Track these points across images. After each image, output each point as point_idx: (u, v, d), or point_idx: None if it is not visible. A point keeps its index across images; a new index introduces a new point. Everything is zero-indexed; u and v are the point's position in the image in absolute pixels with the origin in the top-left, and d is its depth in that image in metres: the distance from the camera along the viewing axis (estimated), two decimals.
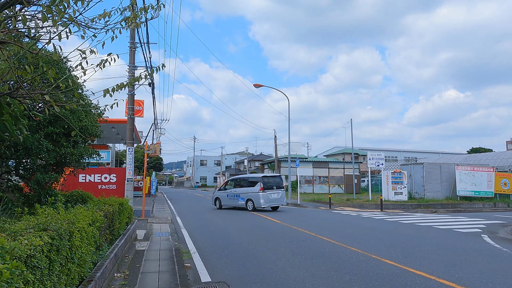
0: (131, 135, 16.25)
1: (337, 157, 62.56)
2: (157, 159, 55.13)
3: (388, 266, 6.66)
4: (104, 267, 4.65)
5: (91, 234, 4.17)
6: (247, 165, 59.37)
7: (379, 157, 24.55)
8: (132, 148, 16.11)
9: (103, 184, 16.10)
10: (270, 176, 19.98)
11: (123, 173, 16.17)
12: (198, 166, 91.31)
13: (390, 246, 8.66)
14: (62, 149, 6.71)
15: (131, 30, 16.15)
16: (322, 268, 6.53)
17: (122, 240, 6.80)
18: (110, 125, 24.14)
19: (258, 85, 25.67)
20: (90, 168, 18.02)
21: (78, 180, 15.89)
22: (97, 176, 16.12)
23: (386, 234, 10.80)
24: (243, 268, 6.62)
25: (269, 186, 18.68)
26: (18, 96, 4.22)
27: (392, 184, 23.33)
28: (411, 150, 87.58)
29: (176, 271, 6.07)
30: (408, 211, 20.16)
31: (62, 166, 7.36)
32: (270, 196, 18.55)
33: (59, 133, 6.75)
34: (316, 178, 40.60)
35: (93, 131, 7.43)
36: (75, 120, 6.94)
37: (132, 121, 16.13)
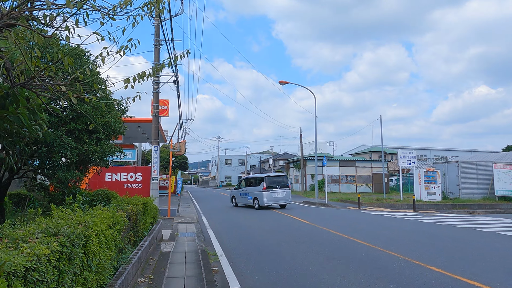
0: (157, 133, 16.09)
1: (363, 155, 61.17)
2: (182, 158, 55.43)
3: (435, 274, 6.03)
4: (126, 273, 4.28)
5: (111, 237, 3.80)
6: (272, 164, 58.88)
7: (411, 156, 23.52)
8: (157, 147, 15.94)
9: (128, 183, 16.00)
10: (274, 175, 20.86)
11: (149, 172, 16.02)
12: (222, 165, 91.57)
13: (432, 251, 7.98)
14: (85, 146, 6.44)
15: (155, 27, 15.98)
16: (360, 276, 5.97)
17: (147, 242, 6.46)
18: (136, 124, 24.22)
19: (283, 82, 25.13)
20: (116, 167, 18.02)
21: (105, 179, 15.88)
22: (123, 175, 16.05)
23: (425, 236, 10.07)
24: (274, 274, 6.16)
25: (273, 185, 19.51)
26: (34, 88, 3.91)
27: (424, 184, 22.29)
28: (440, 149, 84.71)
29: (203, 276, 5.67)
30: (442, 212, 19.14)
31: (86, 164, 7.10)
32: (274, 194, 19.28)
33: (81, 129, 6.48)
34: (342, 177, 39.65)
35: (116, 128, 7.15)
36: (98, 116, 6.66)
37: (157, 119, 15.95)
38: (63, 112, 6.53)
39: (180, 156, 55.23)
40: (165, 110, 31.78)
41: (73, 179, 6.68)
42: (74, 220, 3.21)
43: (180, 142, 15.80)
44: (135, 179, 15.96)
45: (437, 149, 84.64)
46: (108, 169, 16.18)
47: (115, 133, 7.26)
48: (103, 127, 6.73)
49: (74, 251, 2.56)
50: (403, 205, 21.33)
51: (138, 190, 16.10)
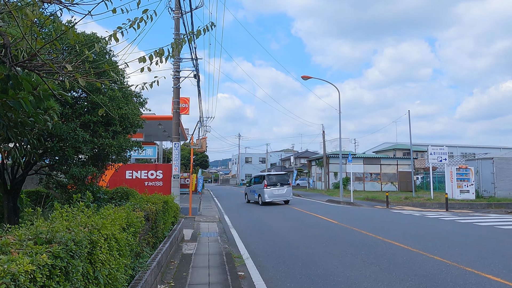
0: (177, 130, 15.65)
1: (387, 153, 59.49)
2: (203, 157, 55.29)
3: (495, 284, 5.25)
4: (143, 281, 3.73)
5: (124, 242, 3.24)
6: (294, 162, 58.10)
7: (442, 152, 22.35)
8: (178, 144, 15.50)
9: (149, 181, 15.64)
10: (275, 174, 22.38)
11: (170, 169, 15.61)
12: (243, 163, 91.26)
13: (482, 255, 7.15)
14: (100, 140, 5.94)
15: (175, 20, 15.52)
16: (407, 285, 5.25)
17: (167, 244, 5.92)
18: (157, 121, 23.95)
19: (306, 77, 24.36)
20: (137, 164, 17.74)
21: (125, 177, 15.57)
22: (144, 172, 15.69)
23: (468, 238, 9.20)
24: (307, 280, 5.51)
25: (274, 183, 20.95)
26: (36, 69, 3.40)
27: (457, 182, 21.11)
28: (468, 146, 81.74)
29: (229, 283, 5.08)
30: (478, 211, 18.00)
31: (103, 160, 6.62)
32: (275, 192, 20.72)
33: (96, 122, 5.99)
34: (367, 175, 38.49)
35: (134, 121, 6.63)
36: (114, 108, 6.15)
37: (177, 115, 15.51)
38: (77, 102, 6.05)
39: (201, 154, 55.14)
40: (186, 108, 31.49)
41: (89, 175, 6.20)
42: (79, 222, 2.65)
43: (201, 139, 15.32)
44: (155, 177, 15.59)
45: (464, 146, 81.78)
46: (128, 166, 15.88)
47: (133, 127, 6.74)
48: (120, 119, 6.22)
49: (73, 263, 1.99)
50: (434, 204, 20.25)
51: (159, 188, 15.71)
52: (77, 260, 2.05)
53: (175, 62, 15.46)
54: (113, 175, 15.61)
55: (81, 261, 2.16)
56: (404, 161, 40.38)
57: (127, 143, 6.45)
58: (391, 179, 38.72)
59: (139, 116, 7.03)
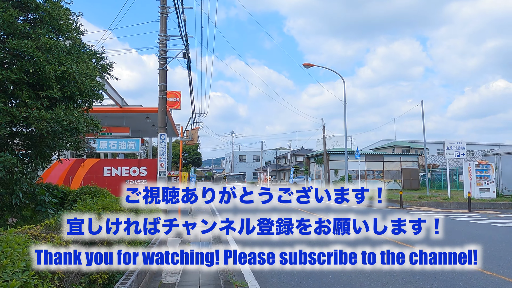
0: (164, 119, 13.38)
1: (385, 150, 57.61)
2: (195, 154, 52.95)
3: None
4: None
5: None
6: (290, 160, 56.07)
7: (459, 146, 20.29)
8: (164, 135, 13.23)
9: (131, 179, 13.36)
10: (233, 174, 32.95)
11: (155, 165, 13.33)
12: (237, 161, 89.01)
13: None
14: (23, 111, 3.67)
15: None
16: None
17: (132, 277, 3.68)
18: (144, 114, 21.59)
19: (308, 65, 22.17)
20: (116, 159, 15.42)
21: (103, 174, 13.27)
22: (125, 169, 13.39)
23: None
24: None
25: (232, 180, 30.33)
26: None
27: (476, 179, 19.06)
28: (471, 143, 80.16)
29: None
30: (505, 212, 15.98)
31: (40, 145, 4.34)
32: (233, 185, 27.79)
33: (19, 81, 3.72)
34: (369, 172, 36.48)
35: (87, 86, 4.35)
36: (51, 62, 3.88)
37: (164, 102, 13.23)
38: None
39: (193, 152, 52.83)
40: (177, 102, 28.98)
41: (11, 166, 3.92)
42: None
43: (192, 130, 13.07)
44: (138, 174, 13.30)
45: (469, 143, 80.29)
46: (106, 162, 13.59)
47: (85, 95, 4.47)
48: (60, 80, 3.95)
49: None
50: (452, 204, 18.20)
51: None
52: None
53: (161, 39, 13.16)
54: (89, 172, 13.32)
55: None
56: (408, 157, 38.46)
57: (73, 119, 4.14)
58: (394, 176, 36.76)
59: (97, 82, 4.74)
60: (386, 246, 3.88)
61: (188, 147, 52.12)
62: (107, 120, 22.74)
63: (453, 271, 5.44)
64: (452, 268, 3.80)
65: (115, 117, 22.44)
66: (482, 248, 7.34)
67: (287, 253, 3.92)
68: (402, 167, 36.86)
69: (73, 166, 13.20)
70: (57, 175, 13.02)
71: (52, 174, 13.14)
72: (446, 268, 3.89)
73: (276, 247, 3.98)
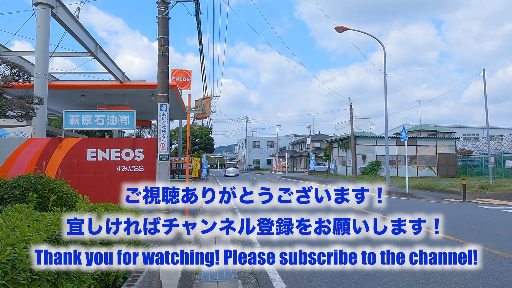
0: (165, 84, 10.04)
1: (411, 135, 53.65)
2: (208, 139, 49.67)
3: None
4: None
5: None
6: (310, 144, 52.59)
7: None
8: (165, 105, 9.92)
9: (123, 165, 10.11)
10: (231, 162, 47.33)
11: (154, 146, 10.04)
12: (250, 147, 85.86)
13: None
14: None
15: None
16: None
17: None
18: (149, 91, 18.29)
19: (342, 28, 18.47)
20: (103, 138, 12.20)
21: (87, 158, 10.04)
22: (115, 151, 10.13)
23: None
24: None
25: (230, 166, 44.37)
26: None
27: None
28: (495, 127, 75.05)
29: None
30: None
31: None
32: (230, 170, 42.97)
33: None
34: (400, 158, 32.74)
35: None
36: None
37: (164, 60, 9.86)
38: None
39: (205, 136, 49.55)
40: (187, 82, 25.57)
41: None
42: None
43: (203, 99, 9.73)
44: (133, 158, 10.03)
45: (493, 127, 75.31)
46: (90, 142, 10.34)
47: None
48: None
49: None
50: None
51: (139, 176, 10.15)
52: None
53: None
54: (68, 156, 10.11)
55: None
56: (444, 141, 34.55)
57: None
58: (428, 162, 32.96)
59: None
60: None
61: (199, 131, 48.87)
62: (107, 98, 19.46)
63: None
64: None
65: (115, 95, 19.16)
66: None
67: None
68: (437, 152, 33.01)
69: (47, 148, 9.98)
70: (27, 160, 9.87)
71: (20, 158, 9.99)
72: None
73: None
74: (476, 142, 46.71)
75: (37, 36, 10.60)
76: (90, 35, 13.22)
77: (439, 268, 3.24)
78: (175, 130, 43.08)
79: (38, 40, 10.61)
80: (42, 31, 10.57)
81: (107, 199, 10.17)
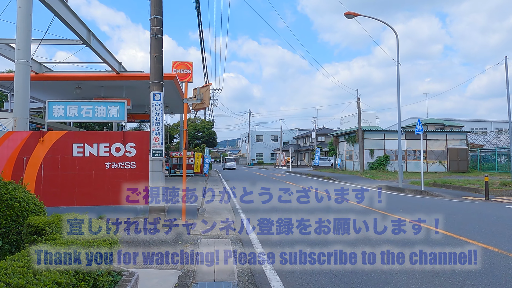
0: (158, 70, 8.99)
1: None
2: (210, 134, 48.55)
3: None
4: None
5: None
6: (315, 138, 51.51)
7: None
8: (159, 94, 8.88)
9: (113, 161, 9.07)
10: (229, 157, 59.90)
11: (147, 140, 8.99)
12: (253, 142, 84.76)
13: None
14: None
15: None
16: None
17: None
18: (147, 82, 17.20)
19: (352, 14, 17.28)
20: (90, 132, 11.05)
21: (72, 154, 9.00)
22: (104, 146, 9.10)
23: None
24: None
25: (228, 160, 50.96)
26: None
27: None
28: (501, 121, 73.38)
29: None
30: None
31: None
32: (228, 164, 49.03)
33: None
34: (409, 152, 31.57)
35: None
36: None
37: (157, 44, 8.79)
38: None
39: (207, 130, 48.46)
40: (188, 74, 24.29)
41: None
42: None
43: (202, 87, 8.65)
44: (124, 154, 8.99)
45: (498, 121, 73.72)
46: (76, 136, 9.27)
47: None
48: None
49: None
50: None
51: (130, 174, 9.11)
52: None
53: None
54: (52, 151, 9.06)
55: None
56: (455, 135, 33.31)
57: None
58: (439, 157, 31.76)
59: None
60: None
61: (202, 125, 47.79)
62: (103, 90, 18.36)
63: None
64: None
65: (113, 87, 18.07)
66: None
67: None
68: (448, 146, 31.79)
69: (28, 142, 8.94)
70: (5, 156, 8.83)
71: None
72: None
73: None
74: (485, 136, 45.34)
75: (18, 19, 9.53)
76: (81, 21, 12.12)
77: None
78: (177, 124, 41.97)
79: (19, 23, 9.54)
80: (23, 12, 9.50)
81: (94, 200, 9.10)
